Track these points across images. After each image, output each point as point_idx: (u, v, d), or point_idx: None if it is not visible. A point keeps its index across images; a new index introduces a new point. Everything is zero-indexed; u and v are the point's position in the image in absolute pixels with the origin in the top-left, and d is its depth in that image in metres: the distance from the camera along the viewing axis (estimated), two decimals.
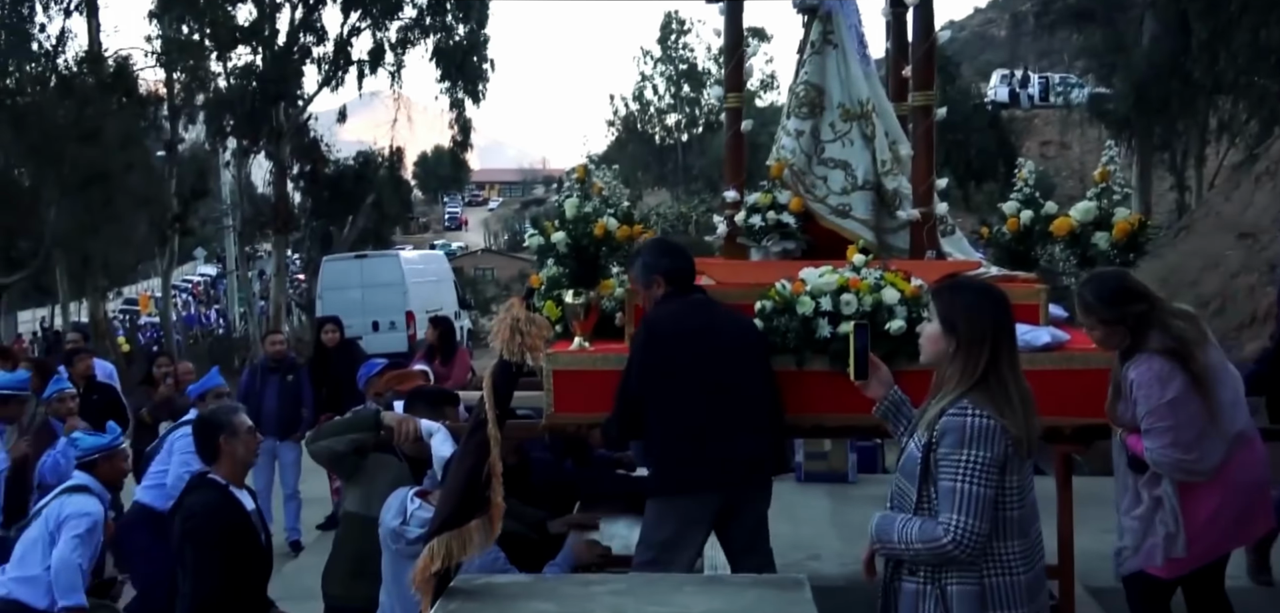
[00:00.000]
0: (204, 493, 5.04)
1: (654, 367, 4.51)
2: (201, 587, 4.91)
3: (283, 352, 10.63)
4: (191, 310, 48.19)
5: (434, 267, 27.03)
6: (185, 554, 5.03)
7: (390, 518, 4.50)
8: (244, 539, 5.06)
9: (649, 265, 4.76)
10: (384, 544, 4.55)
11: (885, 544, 3.37)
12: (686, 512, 4.53)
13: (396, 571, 4.47)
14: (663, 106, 58.09)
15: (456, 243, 70.38)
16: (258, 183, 36.02)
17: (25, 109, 25.41)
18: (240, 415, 5.24)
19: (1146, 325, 4.18)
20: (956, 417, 3.25)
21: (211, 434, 5.11)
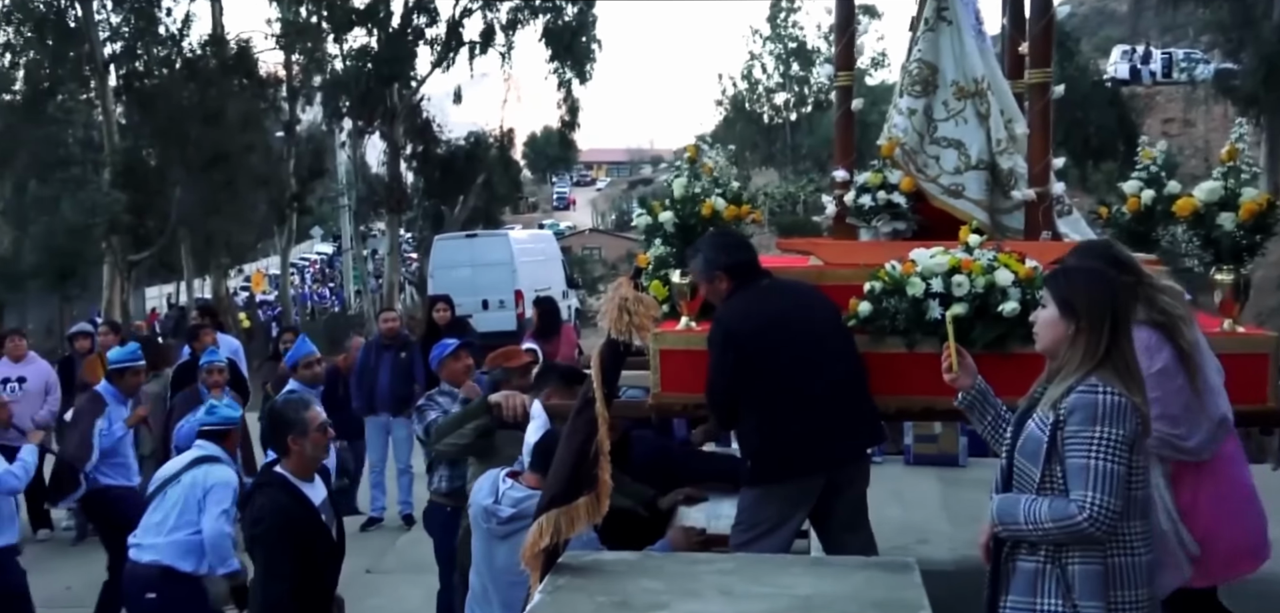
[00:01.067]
0: (272, 493, 5.02)
1: (737, 364, 4.47)
2: (272, 589, 4.94)
3: (396, 329, 10.84)
4: (306, 289, 49.44)
5: (542, 246, 27.27)
6: (255, 555, 5.10)
7: (482, 497, 4.52)
8: (313, 536, 5.06)
9: (710, 261, 4.72)
10: (475, 524, 4.58)
11: (1009, 526, 3.32)
12: (788, 495, 4.51)
13: (488, 550, 4.51)
14: (771, 86, 57.62)
15: (565, 223, 70.89)
16: (372, 163, 36.80)
17: (152, 92, 26.36)
18: (311, 411, 5.20)
19: (1133, 298, 4.00)
20: (1087, 394, 3.21)
21: (281, 432, 5.09)
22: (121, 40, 26.85)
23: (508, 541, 4.41)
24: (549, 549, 3.53)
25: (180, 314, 34.17)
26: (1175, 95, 41.68)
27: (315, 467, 5.18)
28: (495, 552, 4.48)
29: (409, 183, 33.90)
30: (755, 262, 4.83)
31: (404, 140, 32.29)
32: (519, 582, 4.41)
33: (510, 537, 4.40)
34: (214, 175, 25.83)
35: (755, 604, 2.95)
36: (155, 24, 26.70)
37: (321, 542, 5.11)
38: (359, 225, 38.93)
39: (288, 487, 5.02)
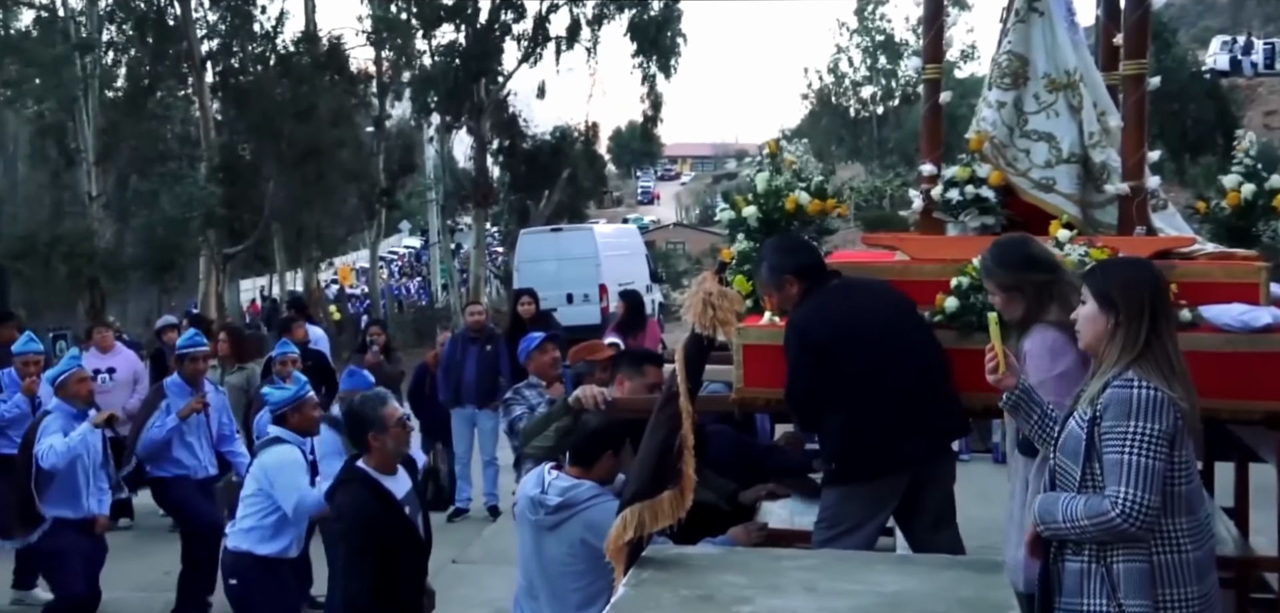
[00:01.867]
0: (354, 489, 5.06)
1: (815, 368, 4.42)
2: (351, 585, 4.98)
3: (482, 322, 10.97)
4: (393, 283, 50.15)
5: (626, 240, 27.36)
6: (338, 551, 5.20)
7: (528, 489, 4.55)
8: (397, 532, 5.09)
9: (776, 268, 4.66)
10: (521, 518, 4.60)
11: (1049, 525, 3.27)
12: (872, 493, 4.46)
13: (536, 543, 4.53)
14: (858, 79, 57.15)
15: (649, 217, 71.01)
16: (459, 158, 37.20)
17: (247, 88, 26.96)
18: (389, 407, 5.22)
19: (1047, 298, 3.94)
20: (1122, 388, 3.15)
21: (361, 429, 5.14)
22: (218, 38, 27.50)
23: (556, 531, 4.44)
24: (633, 543, 3.55)
25: (272, 307, 34.94)
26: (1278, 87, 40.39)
27: (397, 461, 5.23)
28: (544, 544, 4.50)
29: (495, 178, 34.22)
30: (822, 262, 4.79)
31: (491, 135, 32.60)
32: (569, 572, 4.45)
33: (559, 528, 4.43)
34: (306, 170, 26.33)
35: (840, 601, 2.94)
36: (250, 22, 27.28)
37: (406, 535, 5.16)
38: (446, 220, 39.40)
39: (369, 482, 5.07)
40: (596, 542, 4.29)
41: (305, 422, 6.33)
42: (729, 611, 2.90)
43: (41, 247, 24.04)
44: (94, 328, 11.52)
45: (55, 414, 7.05)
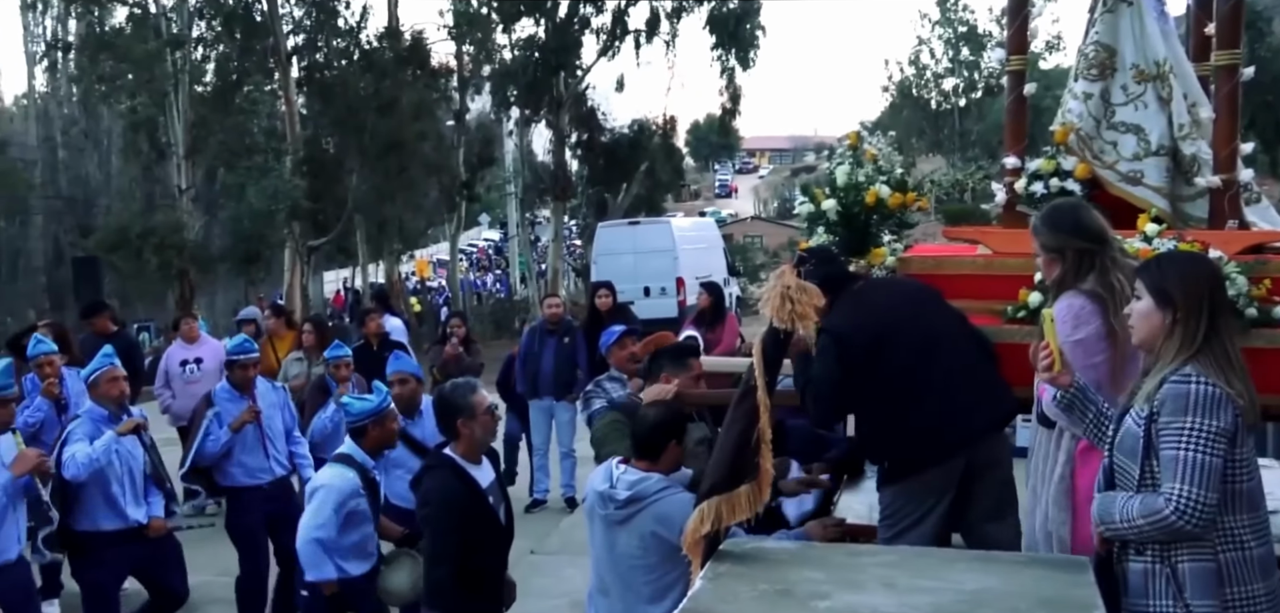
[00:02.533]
0: (440, 475, 5.10)
1: (850, 368, 4.38)
2: (437, 570, 5.03)
3: (559, 315, 11.03)
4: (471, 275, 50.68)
5: (704, 233, 27.32)
6: (424, 535, 5.22)
7: (597, 484, 4.59)
8: (480, 518, 5.14)
9: (809, 277, 4.64)
10: (591, 514, 4.64)
11: (1108, 525, 3.20)
12: (925, 484, 4.40)
13: (608, 538, 4.56)
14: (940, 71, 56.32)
15: (726, 210, 70.81)
16: (538, 151, 37.43)
17: (331, 83, 27.40)
18: (478, 394, 5.25)
19: (1088, 267, 3.83)
20: (1180, 384, 3.08)
21: (450, 416, 5.17)
22: (303, 33, 27.97)
23: (626, 525, 4.46)
24: (710, 536, 3.56)
25: (355, 298, 35.50)
26: None
27: (483, 449, 5.27)
28: (615, 538, 4.52)
29: (573, 171, 34.37)
30: (844, 271, 4.78)
31: (569, 129, 32.74)
32: (639, 566, 4.46)
33: (629, 522, 4.45)
34: (388, 163, 26.70)
35: (919, 598, 2.91)
36: (335, 17, 27.71)
37: (488, 524, 5.20)
38: (525, 213, 39.67)
39: (456, 469, 5.11)
40: (667, 534, 4.32)
41: (385, 436, 6.01)
42: (807, 606, 2.89)
43: (133, 238, 24.67)
44: (181, 319, 11.80)
45: (83, 419, 6.55)
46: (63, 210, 35.38)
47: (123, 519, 6.51)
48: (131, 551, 6.57)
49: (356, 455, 5.87)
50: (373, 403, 5.99)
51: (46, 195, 34.59)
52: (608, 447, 4.91)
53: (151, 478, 6.73)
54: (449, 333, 11.19)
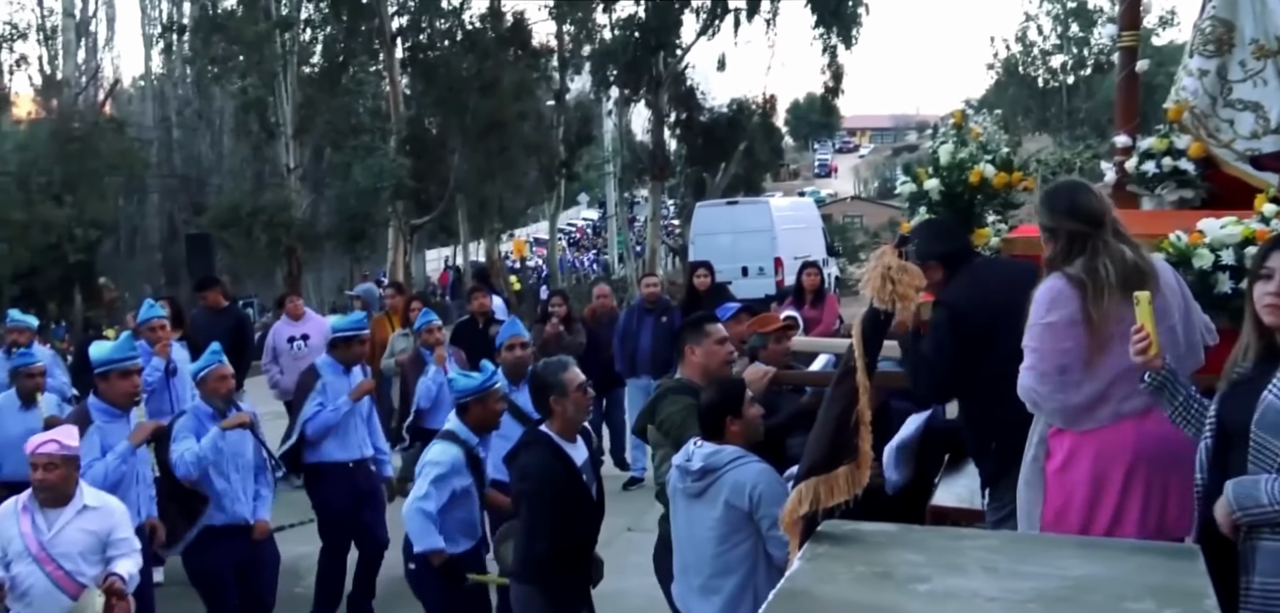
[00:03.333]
0: (537, 451, 5.17)
1: (964, 347, 4.31)
2: (534, 545, 5.12)
3: (657, 294, 11.07)
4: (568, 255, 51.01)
5: (803, 213, 27.12)
6: (519, 510, 5.29)
7: (677, 460, 4.63)
8: (574, 495, 5.20)
9: (922, 253, 4.55)
10: (671, 497, 4.69)
11: (1249, 510, 3.08)
12: None
13: (687, 515, 4.60)
14: (1048, 47, 54.96)
15: (826, 190, 70.19)
16: (637, 131, 37.50)
17: (435, 63, 27.80)
18: (571, 372, 5.28)
19: (1078, 249, 3.70)
20: None
21: (543, 393, 5.23)
22: (407, 15, 28.41)
23: (703, 498, 4.49)
24: (808, 518, 3.54)
25: (457, 276, 36.02)
26: None
27: (576, 427, 5.32)
28: (693, 513, 4.56)
29: (672, 150, 34.37)
30: (965, 245, 4.71)
31: (668, 108, 32.72)
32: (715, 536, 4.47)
33: (705, 494, 4.48)
34: (489, 143, 27.02)
35: (1022, 583, 2.86)
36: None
37: (582, 501, 5.26)
38: (623, 192, 39.79)
39: (551, 446, 5.18)
40: (738, 503, 4.35)
41: (488, 415, 6.02)
42: (906, 589, 2.86)
43: (244, 216, 25.35)
44: (286, 297, 12.10)
45: (189, 415, 6.59)
46: (177, 188, 36.50)
47: (229, 515, 6.56)
48: (236, 546, 6.59)
49: (461, 433, 5.92)
50: (478, 381, 6.03)
51: (162, 174, 35.71)
52: (687, 430, 4.94)
53: (262, 473, 6.79)
54: (550, 312, 11.29)
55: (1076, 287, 3.66)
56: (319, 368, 7.59)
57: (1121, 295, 3.58)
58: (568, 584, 5.27)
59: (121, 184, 29.86)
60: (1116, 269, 3.65)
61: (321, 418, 7.33)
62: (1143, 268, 3.69)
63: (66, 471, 5.20)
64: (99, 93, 35.20)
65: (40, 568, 5.08)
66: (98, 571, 5.15)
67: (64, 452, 5.18)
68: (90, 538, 5.20)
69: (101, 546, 5.22)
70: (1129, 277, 3.63)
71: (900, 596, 2.81)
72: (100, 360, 6.25)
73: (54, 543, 5.11)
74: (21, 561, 5.10)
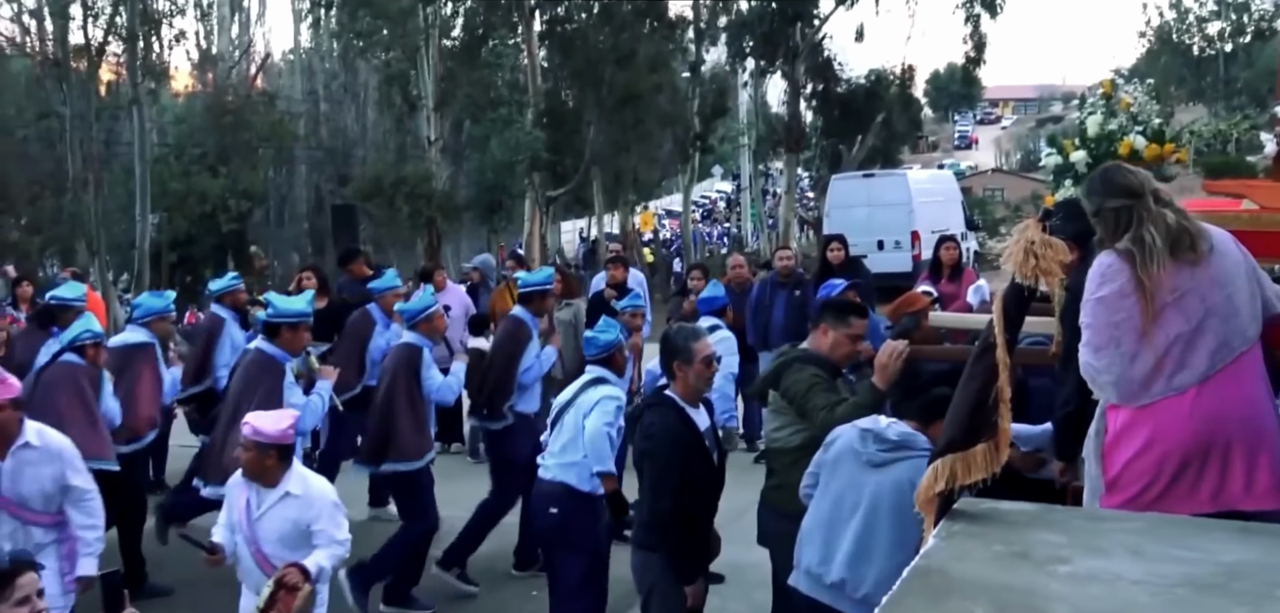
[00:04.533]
0: (661, 412, 5.29)
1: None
2: (658, 503, 5.19)
3: (791, 267, 10.98)
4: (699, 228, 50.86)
5: (941, 186, 26.58)
6: (643, 469, 5.35)
7: (863, 424, 4.62)
8: (698, 458, 5.28)
9: (1057, 231, 4.41)
10: (841, 453, 4.63)
11: None
12: None
13: (857, 477, 4.55)
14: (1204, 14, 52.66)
15: (965, 162, 68.53)
16: (772, 102, 37.23)
17: (572, 36, 28.02)
18: (700, 342, 5.40)
19: (1124, 224, 3.62)
20: None
21: (669, 357, 5.37)
22: None
23: (884, 469, 4.45)
24: (944, 496, 3.49)
25: (592, 248, 36.34)
26: None
27: (699, 396, 5.41)
28: (866, 479, 4.51)
29: (808, 122, 34.03)
30: None
31: (804, 80, 32.37)
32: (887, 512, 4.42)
33: (889, 466, 4.44)
34: (625, 115, 27.14)
35: (1169, 567, 2.77)
36: None
37: (704, 464, 5.34)
38: (758, 164, 39.57)
39: (676, 408, 5.28)
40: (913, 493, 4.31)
41: (614, 367, 6.43)
42: (1045, 570, 2.80)
43: (386, 188, 26.00)
44: (433, 268, 12.43)
45: (426, 350, 7.55)
46: (323, 160, 37.69)
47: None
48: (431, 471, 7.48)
49: (611, 379, 6.30)
50: (613, 334, 6.47)
51: (309, 146, 36.90)
52: (811, 400, 4.92)
53: None
54: (688, 288, 11.30)
55: (1125, 258, 3.62)
56: (525, 320, 8.12)
57: (1171, 261, 3.55)
58: (686, 549, 5.32)
59: (271, 156, 30.93)
60: (1162, 234, 3.58)
61: (535, 370, 7.97)
62: (1191, 230, 3.61)
63: (261, 456, 5.21)
64: (251, 67, 36.53)
65: (247, 545, 5.25)
66: (298, 558, 5.09)
67: (257, 436, 5.19)
68: (290, 526, 5.20)
69: (303, 535, 5.19)
70: (1177, 240, 3.58)
71: (1039, 577, 2.75)
72: (285, 312, 7.02)
73: (258, 524, 5.23)
74: (237, 532, 5.31)
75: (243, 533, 5.26)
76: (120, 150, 27.71)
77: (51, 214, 24.04)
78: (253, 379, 6.97)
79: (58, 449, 5.67)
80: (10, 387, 5.61)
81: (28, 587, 3.90)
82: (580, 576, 6.11)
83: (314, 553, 5.10)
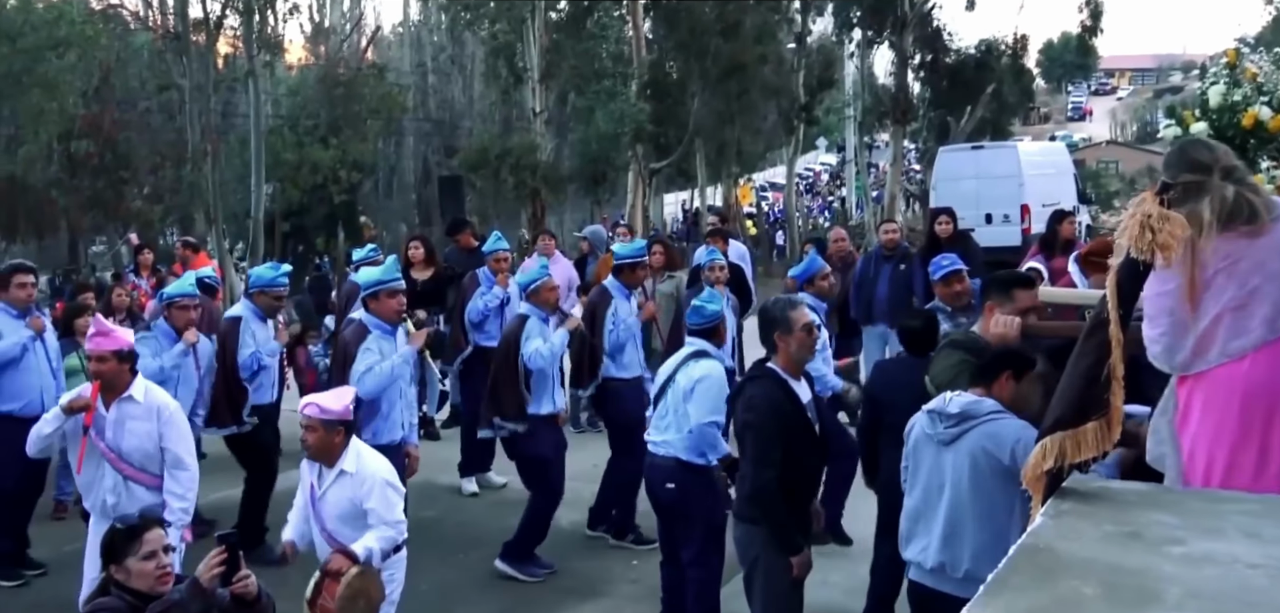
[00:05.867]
0: (764, 383, 5.29)
1: None
2: (760, 474, 5.19)
3: (896, 240, 10.87)
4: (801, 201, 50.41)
5: (1053, 159, 25.91)
6: (745, 441, 5.34)
7: (929, 406, 4.58)
8: (800, 429, 5.28)
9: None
10: (918, 440, 4.61)
11: None
12: None
13: (936, 461, 4.52)
14: None
15: (1079, 134, 66.79)
16: (879, 73, 36.71)
17: (676, 7, 27.95)
18: (799, 311, 5.38)
19: (1193, 196, 3.51)
20: None
21: (768, 329, 5.36)
22: None
23: (954, 446, 4.40)
24: (1052, 473, 3.44)
25: (694, 220, 36.33)
26: None
27: (801, 366, 5.42)
28: (943, 461, 4.46)
29: (915, 93, 33.48)
30: None
31: (912, 50, 31.84)
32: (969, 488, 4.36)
33: (958, 441, 4.39)
34: (729, 87, 27.02)
35: None
36: None
37: (807, 435, 5.35)
38: (863, 136, 39.09)
39: (777, 379, 5.28)
40: (997, 452, 4.30)
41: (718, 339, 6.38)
42: (1158, 551, 2.73)
43: (492, 159, 26.29)
44: (540, 235, 12.57)
45: (533, 319, 7.70)
46: (431, 132, 38.25)
47: (552, 406, 7.71)
48: (555, 435, 7.74)
49: (712, 352, 6.26)
50: (719, 304, 6.46)
51: (417, 118, 37.47)
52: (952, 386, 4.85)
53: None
54: None
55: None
56: (609, 289, 8.32)
57: (1226, 231, 3.49)
58: (793, 520, 5.31)
59: (381, 127, 31.48)
60: (1217, 206, 3.51)
61: (615, 336, 8.11)
62: (1253, 202, 3.54)
63: (328, 435, 5.28)
64: (361, 40, 37.15)
65: (313, 521, 5.39)
66: (358, 536, 5.20)
67: (323, 416, 5.27)
68: (347, 504, 5.30)
69: (359, 513, 5.27)
70: (1234, 212, 3.50)
71: (1151, 557, 2.69)
72: (370, 283, 7.00)
73: (321, 503, 5.35)
74: (303, 514, 5.46)
75: (309, 513, 5.37)
76: (237, 121, 28.46)
77: (172, 183, 24.76)
78: (342, 349, 7.10)
79: (159, 408, 5.85)
80: (116, 338, 5.80)
81: (154, 542, 4.07)
82: (701, 545, 6.17)
83: (365, 536, 5.16)
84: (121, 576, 4.04)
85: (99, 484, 5.84)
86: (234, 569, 4.09)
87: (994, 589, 2.55)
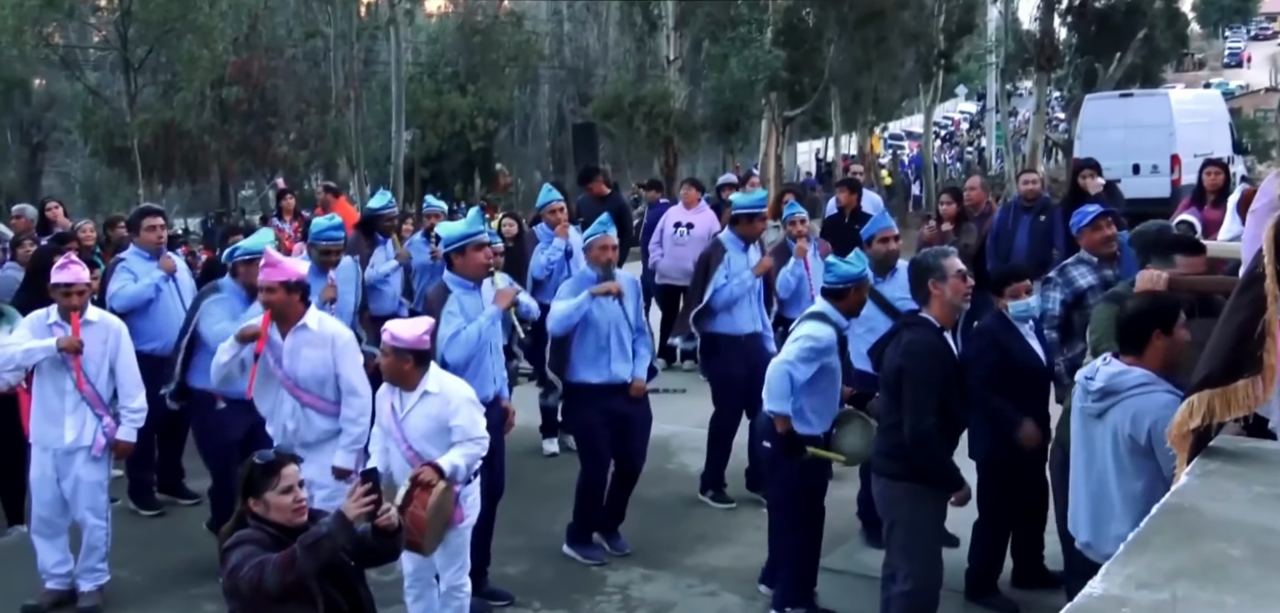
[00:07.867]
0: (920, 330, 5.27)
1: None
2: (919, 421, 5.13)
3: (1036, 192, 10.58)
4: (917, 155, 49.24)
5: (1207, 107, 24.79)
6: (901, 388, 5.25)
7: (1082, 372, 4.51)
8: (953, 378, 5.27)
9: None
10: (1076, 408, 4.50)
11: None
12: None
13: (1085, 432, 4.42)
14: None
15: (1236, 81, 63.75)
16: (1023, 18, 35.59)
17: None
18: (950, 259, 5.37)
19: None
20: None
21: (922, 278, 5.33)
22: None
23: (1102, 419, 4.27)
24: (1200, 431, 3.34)
25: (827, 170, 35.89)
26: None
27: (955, 313, 5.41)
28: (1092, 434, 4.34)
29: (1062, 39, 32.35)
30: None
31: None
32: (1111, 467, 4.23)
33: (1103, 416, 4.25)
34: (866, 33, 26.50)
35: None
36: None
37: (959, 386, 5.36)
38: (1005, 84, 38.00)
39: (934, 328, 5.29)
40: (1136, 434, 4.12)
41: (861, 299, 6.07)
42: None
43: (626, 107, 26.37)
44: (686, 183, 12.50)
45: (574, 279, 7.19)
46: (566, 80, 38.53)
47: (607, 374, 6.95)
48: (613, 404, 6.97)
49: (831, 315, 5.98)
50: (857, 269, 6.03)
51: (553, 66, 37.76)
52: (1105, 344, 4.69)
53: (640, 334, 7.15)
54: (939, 212, 10.98)
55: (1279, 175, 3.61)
56: (723, 242, 8.01)
57: None
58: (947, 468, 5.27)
59: (517, 75, 31.84)
60: None
61: (726, 292, 7.72)
62: None
63: (398, 361, 5.35)
64: None
65: (398, 445, 5.47)
66: (442, 453, 5.28)
67: (394, 342, 5.34)
68: (431, 423, 5.37)
69: (444, 430, 5.35)
70: None
71: None
72: (453, 237, 6.56)
73: (404, 423, 5.43)
74: (387, 436, 5.55)
75: (393, 435, 5.47)
76: (378, 69, 29.12)
77: (316, 130, 25.52)
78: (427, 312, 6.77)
79: (331, 336, 6.06)
80: (283, 269, 6.02)
81: (290, 478, 4.25)
82: (792, 512, 6.12)
83: (449, 452, 5.27)
84: (259, 508, 4.22)
85: (279, 411, 6.09)
86: (378, 505, 4.24)
87: (1136, 548, 2.51)
